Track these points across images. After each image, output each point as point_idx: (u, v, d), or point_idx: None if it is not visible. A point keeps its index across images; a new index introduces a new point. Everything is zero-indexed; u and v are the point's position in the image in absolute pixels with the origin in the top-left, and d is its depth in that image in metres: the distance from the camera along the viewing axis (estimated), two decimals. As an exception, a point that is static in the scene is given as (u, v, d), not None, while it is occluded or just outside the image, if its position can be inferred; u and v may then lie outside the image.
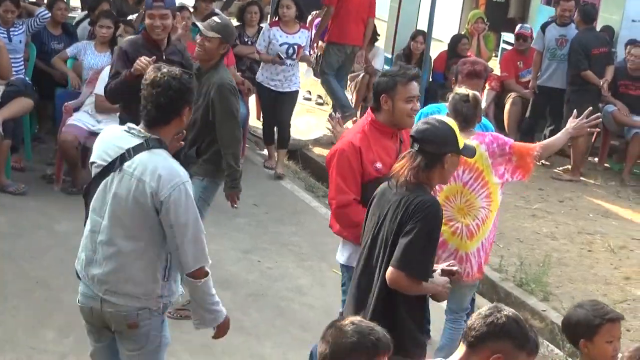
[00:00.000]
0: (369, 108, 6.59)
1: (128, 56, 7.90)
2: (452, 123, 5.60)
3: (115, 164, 5.28)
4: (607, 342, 5.08)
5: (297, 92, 12.68)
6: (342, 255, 6.68)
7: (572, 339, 5.27)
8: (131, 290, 5.34)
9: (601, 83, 13.21)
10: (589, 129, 7.48)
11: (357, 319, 4.06)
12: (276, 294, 8.20)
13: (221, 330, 5.72)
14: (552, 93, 13.69)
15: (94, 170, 5.49)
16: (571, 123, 7.17)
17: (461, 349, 4.28)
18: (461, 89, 6.96)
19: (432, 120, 5.61)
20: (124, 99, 7.97)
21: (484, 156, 6.67)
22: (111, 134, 5.55)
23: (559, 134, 7.45)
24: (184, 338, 7.63)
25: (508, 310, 4.20)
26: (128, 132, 5.36)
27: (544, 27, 13.80)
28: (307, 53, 12.75)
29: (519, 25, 14.89)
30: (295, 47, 12.07)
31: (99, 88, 10.14)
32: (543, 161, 13.67)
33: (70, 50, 11.29)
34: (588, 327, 5.08)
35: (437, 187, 6.12)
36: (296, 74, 12.43)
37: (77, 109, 10.53)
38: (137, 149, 5.24)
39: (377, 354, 3.94)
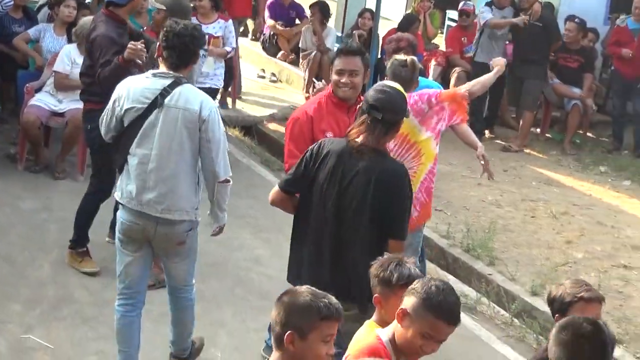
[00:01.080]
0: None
1: (116, 42, 7.79)
2: (402, 89, 5.68)
3: (157, 102, 6.07)
4: None
5: (212, 89, 10.89)
6: None
7: (552, 314, 5.27)
8: (183, 205, 6.22)
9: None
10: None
11: (311, 288, 4.09)
12: (235, 264, 8.20)
13: (221, 230, 6.68)
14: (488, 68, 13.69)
15: (133, 115, 6.16)
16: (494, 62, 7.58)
17: None
18: (400, 55, 7.05)
19: (387, 88, 5.64)
20: (114, 85, 7.87)
21: (407, 120, 6.61)
22: (138, 82, 6.26)
23: (487, 74, 7.68)
24: (146, 308, 7.58)
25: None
26: (154, 76, 6.19)
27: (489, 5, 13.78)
28: (227, 46, 11.48)
29: (462, 2, 14.88)
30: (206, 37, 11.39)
31: (58, 65, 10.10)
32: (488, 134, 13.85)
33: (32, 32, 11.09)
34: (562, 303, 5.08)
35: None
36: (217, 70, 11.31)
37: (38, 89, 10.41)
38: (172, 86, 6.08)
39: (330, 317, 3.96)
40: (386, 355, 4.32)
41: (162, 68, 6.23)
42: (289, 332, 3.92)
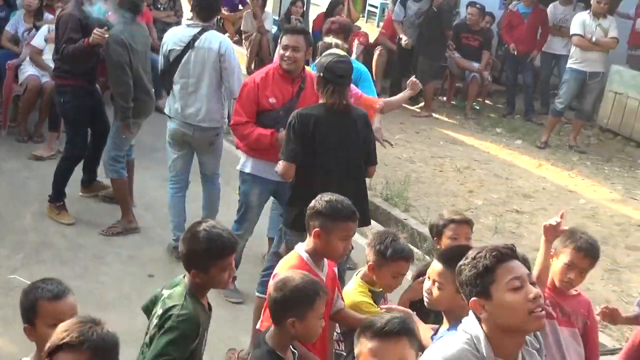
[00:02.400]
0: None
1: (81, 22, 7.71)
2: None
3: (190, 45, 7.27)
4: (450, 239, 5.17)
5: None
6: (241, 165, 6.82)
7: (433, 239, 5.39)
8: (213, 116, 7.38)
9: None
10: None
11: (211, 224, 4.14)
12: (191, 213, 8.16)
13: None
14: (410, 52, 13.68)
15: (174, 54, 7.34)
16: (409, 84, 7.57)
17: None
18: (328, 38, 7.28)
19: (342, 58, 6.01)
20: (79, 64, 7.87)
21: None
22: (178, 31, 7.60)
23: (400, 94, 7.82)
24: (115, 251, 7.61)
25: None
26: (189, 26, 7.58)
27: (403, 3, 13.72)
28: None
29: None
30: None
31: (34, 40, 9.93)
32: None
33: (10, 28, 10.50)
34: (437, 227, 5.19)
35: None
36: None
37: (18, 66, 10.17)
38: (200, 33, 7.29)
39: (224, 254, 4.05)
40: (307, 269, 4.41)
41: (195, 20, 7.59)
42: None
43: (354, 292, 4.75)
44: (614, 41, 12.23)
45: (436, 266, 3.97)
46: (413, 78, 7.61)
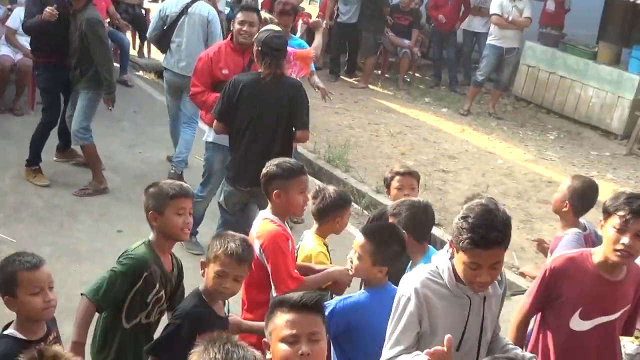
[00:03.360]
0: None
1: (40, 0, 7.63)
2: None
3: (184, 11, 8.01)
4: (397, 189, 5.20)
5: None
6: (205, 135, 6.85)
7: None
8: None
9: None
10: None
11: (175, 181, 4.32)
12: (155, 177, 8.06)
13: None
14: (349, 28, 13.68)
15: (170, 19, 8.06)
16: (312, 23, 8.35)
17: None
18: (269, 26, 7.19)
19: (278, 34, 5.97)
20: (41, 40, 7.79)
21: None
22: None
23: (316, 39, 7.95)
24: (87, 210, 7.53)
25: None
26: None
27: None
28: None
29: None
30: None
31: (9, 21, 9.65)
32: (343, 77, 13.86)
33: None
34: (386, 180, 5.31)
35: None
36: None
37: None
38: (192, 2, 8.04)
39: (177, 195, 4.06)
40: (282, 228, 4.44)
41: None
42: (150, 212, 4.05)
43: (310, 245, 4.73)
44: (528, 20, 12.35)
45: (359, 238, 3.99)
46: (315, 18, 8.17)
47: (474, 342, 3.43)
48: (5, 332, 3.43)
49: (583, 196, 4.97)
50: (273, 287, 4.27)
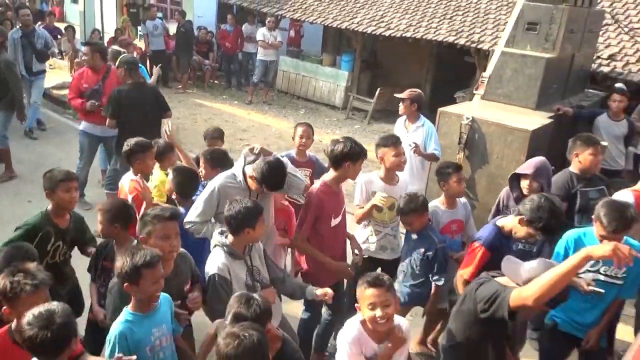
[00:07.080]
0: None
1: None
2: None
3: None
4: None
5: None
6: (80, 126, 6.71)
7: None
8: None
9: None
10: None
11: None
12: (50, 164, 7.53)
13: None
14: (160, 53, 13.16)
15: None
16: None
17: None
18: (116, 47, 7.07)
19: (133, 58, 6.20)
20: None
21: None
22: None
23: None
24: (5, 191, 6.93)
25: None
26: None
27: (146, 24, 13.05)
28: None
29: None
30: None
31: None
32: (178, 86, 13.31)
33: None
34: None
35: None
36: None
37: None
38: None
39: (66, 179, 3.70)
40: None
41: None
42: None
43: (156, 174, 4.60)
44: (280, 43, 12.58)
45: None
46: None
47: None
48: None
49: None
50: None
